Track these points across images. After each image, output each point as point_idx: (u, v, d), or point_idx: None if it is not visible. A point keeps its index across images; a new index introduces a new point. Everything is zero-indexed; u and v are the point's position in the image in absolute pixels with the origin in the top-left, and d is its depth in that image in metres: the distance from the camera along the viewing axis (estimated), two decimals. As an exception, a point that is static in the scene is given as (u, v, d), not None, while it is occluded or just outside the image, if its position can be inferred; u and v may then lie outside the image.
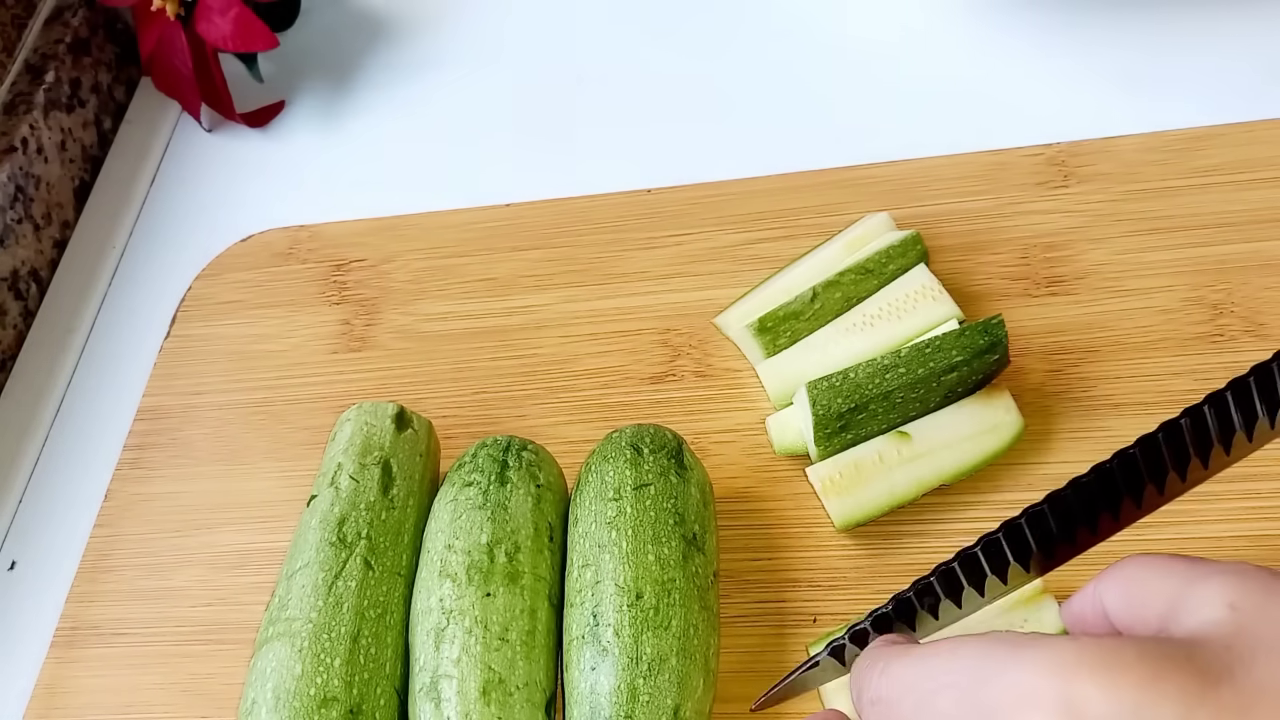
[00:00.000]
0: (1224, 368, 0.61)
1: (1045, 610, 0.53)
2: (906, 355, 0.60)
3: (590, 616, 0.53)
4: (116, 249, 0.86)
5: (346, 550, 0.56)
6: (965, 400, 0.60)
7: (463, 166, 0.83)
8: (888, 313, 0.64)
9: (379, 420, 0.62)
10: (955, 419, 0.60)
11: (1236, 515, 0.57)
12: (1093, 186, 0.69)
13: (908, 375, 0.59)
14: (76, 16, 0.91)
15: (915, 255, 0.66)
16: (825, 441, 0.60)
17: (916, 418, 0.60)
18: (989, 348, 0.60)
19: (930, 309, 0.63)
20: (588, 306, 0.72)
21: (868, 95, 0.79)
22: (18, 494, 0.75)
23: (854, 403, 0.59)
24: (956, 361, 0.59)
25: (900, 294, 0.65)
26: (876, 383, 0.60)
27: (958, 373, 0.59)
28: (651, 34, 0.87)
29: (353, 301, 0.76)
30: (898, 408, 0.60)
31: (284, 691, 0.52)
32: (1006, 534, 0.42)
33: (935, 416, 0.60)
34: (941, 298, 0.64)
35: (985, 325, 0.60)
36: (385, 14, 0.95)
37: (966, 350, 0.60)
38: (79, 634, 0.66)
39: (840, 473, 0.59)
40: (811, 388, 0.60)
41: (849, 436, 0.60)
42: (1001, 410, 0.60)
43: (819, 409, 0.59)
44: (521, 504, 0.58)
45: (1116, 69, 0.76)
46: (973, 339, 0.60)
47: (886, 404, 0.59)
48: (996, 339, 0.60)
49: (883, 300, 0.65)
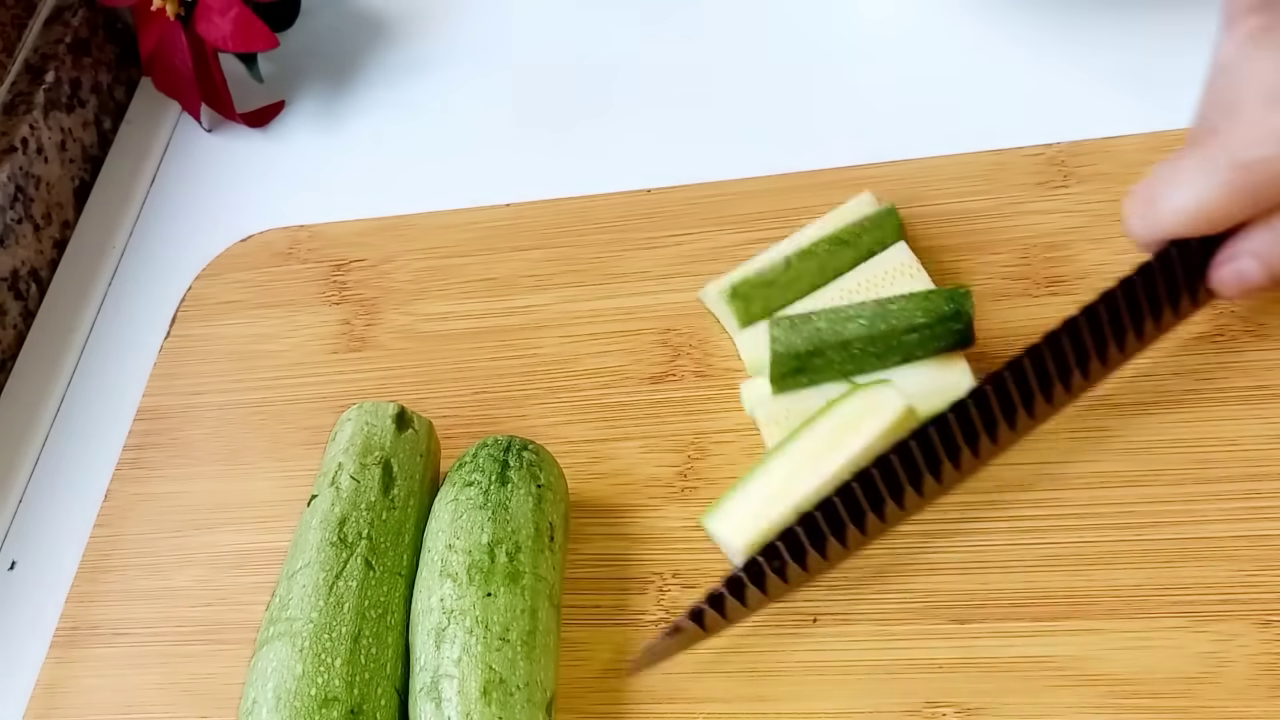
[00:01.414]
0: (1224, 367, 0.61)
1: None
2: (870, 308, 0.61)
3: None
4: (116, 249, 0.86)
5: (347, 550, 0.56)
6: (921, 361, 0.61)
7: (463, 166, 0.83)
8: (865, 288, 0.65)
9: (379, 420, 0.62)
10: (908, 376, 0.61)
11: (1237, 515, 0.57)
12: (1093, 186, 0.69)
13: (869, 328, 0.60)
14: (76, 16, 0.91)
15: (891, 228, 0.67)
16: (780, 382, 0.61)
17: (872, 373, 0.61)
18: (952, 315, 0.60)
19: (907, 286, 0.65)
20: (588, 306, 0.72)
21: (868, 95, 0.79)
22: (18, 494, 0.75)
23: (812, 346, 0.61)
24: (918, 323, 0.60)
25: (878, 270, 0.66)
26: (837, 330, 0.61)
27: (918, 334, 0.60)
28: (652, 34, 0.87)
29: (353, 301, 0.76)
30: (854, 359, 0.61)
31: (285, 691, 0.52)
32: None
33: (888, 373, 0.61)
34: (919, 275, 0.65)
35: (951, 292, 0.61)
36: (385, 14, 0.95)
37: (930, 314, 0.60)
38: (79, 634, 0.66)
39: (787, 411, 0.61)
40: (773, 324, 0.61)
41: (804, 379, 0.61)
42: (956, 374, 0.61)
43: (777, 346, 0.61)
44: (522, 504, 0.58)
45: (1117, 69, 0.76)
46: (937, 303, 0.61)
47: (844, 353, 0.61)
48: (961, 308, 0.60)
49: (861, 275, 0.66)
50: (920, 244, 0.69)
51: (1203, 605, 0.55)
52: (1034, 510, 0.59)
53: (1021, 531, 0.58)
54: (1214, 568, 0.56)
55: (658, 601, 0.60)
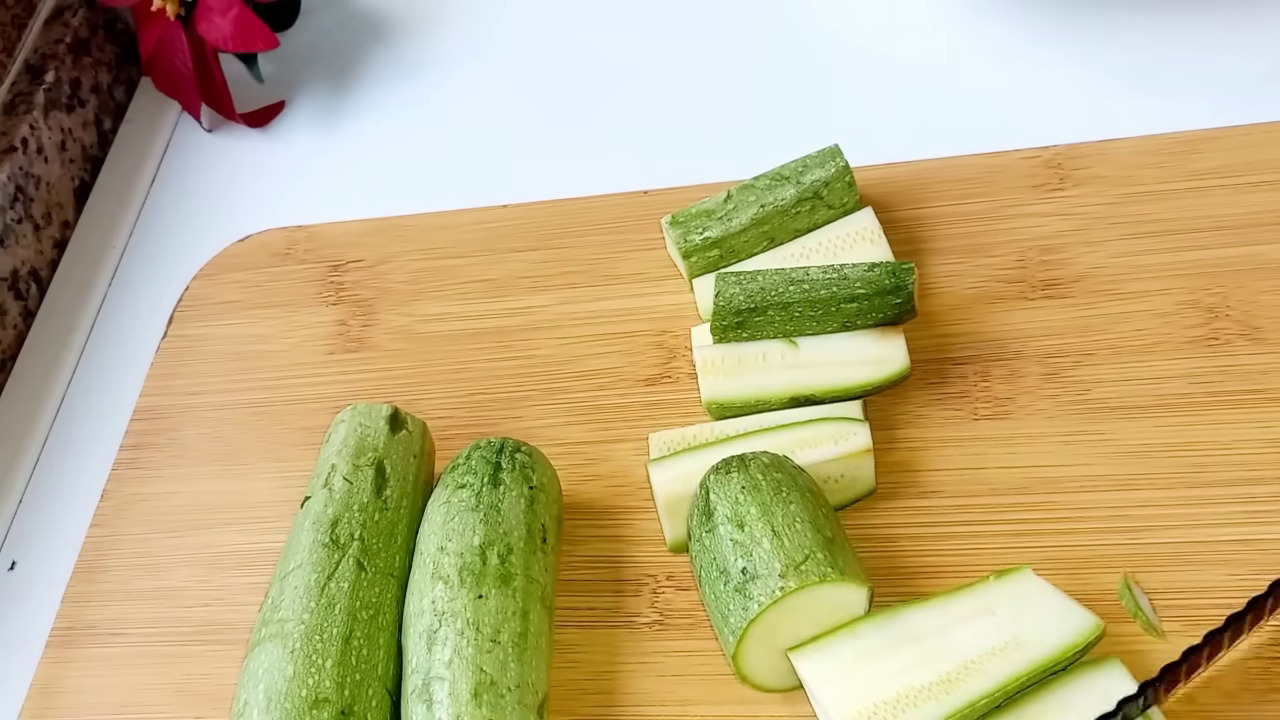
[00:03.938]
0: (1220, 371, 0.61)
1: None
2: (814, 274, 0.63)
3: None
4: (116, 249, 0.86)
5: (339, 551, 0.57)
6: (861, 331, 0.63)
7: (461, 167, 0.83)
8: (825, 248, 0.67)
9: (373, 422, 0.62)
10: (845, 343, 0.63)
11: (1232, 519, 0.57)
12: (1089, 189, 0.69)
13: (811, 292, 0.62)
14: (76, 16, 0.92)
15: (834, 167, 0.68)
16: (721, 334, 0.64)
17: (810, 337, 0.63)
18: (893, 289, 0.62)
19: (866, 250, 0.66)
20: (584, 308, 0.72)
21: (865, 97, 0.79)
22: (18, 494, 0.75)
23: (754, 303, 0.63)
24: (859, 293, 0.62)
25: (841, 232, 0.67)
26: (780, 291, 0.62)
27: (858, 304, 0.62)
28: (649, 36, 0.87)
29: (350, 302, 0.76)
30: (794, 321, 0.63)
31: (276, 693, 0.52)
32: None
33: (827, 338, 0.63)
34: (879, 241, 0.66)
35: (895, 267, 0.62)
36: (385, 14, 0.95)
37: (870, 285, 0.62)
38: (75, 634, 0.66)
39: (723, 357, 0.63)
40: (720, 278, 0.63)
41: (744, 335, 0.63)
42: (892, 347, 0.62)
43: (721, 300, 0.63)
44: (514, 506, 0.58)
45: (1114, 72, 0.75)
46: (880, 277, 0.62)
47: (785, 314, 0.62)
48: (902, 283, 0.62)
49: (823, 236, 0.68)
50: (917, 246, 0.69)
51: (1196, 610, 0.55)
52: (1029, 514, 0.59)
53: (1017, 535, 0.58)
54: (1208, 572, 0.55)
55: (651, 604, 0.60)
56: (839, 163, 0.68)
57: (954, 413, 0.63)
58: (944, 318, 0.66)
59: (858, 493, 0.60)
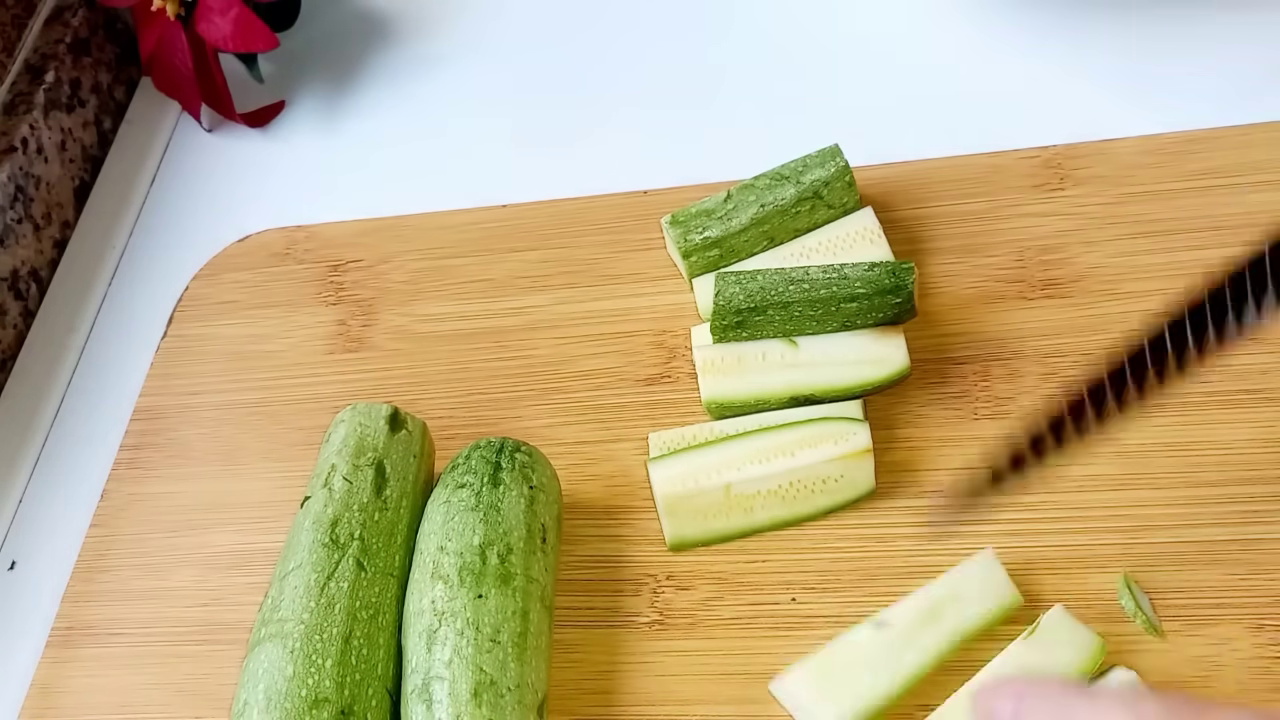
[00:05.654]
0: (1215, 371, 0.61)
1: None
2: (814, 274, 0.63)
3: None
4: (116, 249, 0.86)
5: (339, 551, 0.57)
6: (860, 330, 0.63)
7: (460, 167, 0.83)
8: (825, 248, 0.67)
9: (373, 421, 0.62)
10: (844, 342, 0.63)
11: (1229, 519, 0.57)
12: (1089, 189, 0.69)
13: (810, 292, 0.62)
14: (76, 16, 0.92)
15: (834, 166, 0.68)
16: (721, 333, 0.64)
17: (810, 336, 0.63)
18: (892, 289, 0.62)
19: (866, 250, 0.66)
20: (583, 308, 0.72)
21: (864, 97, 0.79)
22: (18, 494, 0.75)
23: (754, 303, 0.63)
24: (859, 293, 0.62)
25: (841, 232, 0.67)
26: (780, 291, 0.62)
27: (858, 304, 0.62)
28: (649, 36, 0.87)
29: (349, 302, 0.76)
30: (794, 321, 0.63)
31: (275, 693, 0.52)
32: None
33: (827, 337, 0.63)
34: (879, 241, 0.66)
35: (895, 266, 0.62)
36: (385, 14, 0.95)
37: (870, 285, 0.62)
38: (74, 634, 0.66)
39: (723, 357, 0.63)
40: (720, 278, 0.63)
41: (744, 334, 0.63)
42: (891, 346, 0.62)
43: (720, 299, 0.63)
44: (514, 506, 0.58)
45: (1113, 71, 0.75)
46: (880, 276, 0.62)
47: (784, 314, 0.62)
48: (902, 283, 0.62)
49: (823, 236, 0.68)
50: (916, 245, 0.69)
51: (1195, 610, 0.55)
52: (1025, 514, 0.59)
53: (1013, 535, 0.58)
54: (1206, 572, 0.56)
55: (651, 604, 0.60)
56: (839, 162, 0.68)
57: (954, 412, 0.63)
58: (944, 317, 0.66)
59: (857, 493, 0.60)
